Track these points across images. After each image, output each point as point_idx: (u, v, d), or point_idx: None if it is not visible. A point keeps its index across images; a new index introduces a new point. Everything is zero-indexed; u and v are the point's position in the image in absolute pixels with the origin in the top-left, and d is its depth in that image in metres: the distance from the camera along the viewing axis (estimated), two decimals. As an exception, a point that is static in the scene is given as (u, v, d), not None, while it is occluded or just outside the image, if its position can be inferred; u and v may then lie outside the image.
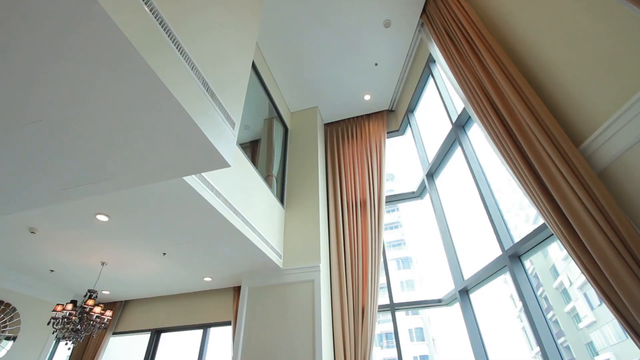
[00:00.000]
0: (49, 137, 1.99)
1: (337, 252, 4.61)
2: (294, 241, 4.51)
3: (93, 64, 1.60)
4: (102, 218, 3.25)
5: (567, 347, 3.47)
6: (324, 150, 5.69)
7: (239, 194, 3.53)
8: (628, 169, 1.89)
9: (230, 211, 3.30)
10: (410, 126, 5.49)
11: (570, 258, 2.18)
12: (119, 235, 3.60)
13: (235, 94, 2.57)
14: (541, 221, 2.61)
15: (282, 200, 4.86)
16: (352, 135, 5.73)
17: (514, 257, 2.99)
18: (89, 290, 4.08)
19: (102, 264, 4.28)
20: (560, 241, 2.13)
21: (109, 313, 4.17)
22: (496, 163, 3.74)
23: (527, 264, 3.07)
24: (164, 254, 4.00)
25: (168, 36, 1.80)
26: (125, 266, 4.39)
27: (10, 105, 1.78)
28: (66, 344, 4.04)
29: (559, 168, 2.11)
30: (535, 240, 2.76)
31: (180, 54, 1.90)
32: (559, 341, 2.94)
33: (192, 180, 2.77)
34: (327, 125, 6.07)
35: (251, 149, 5.13)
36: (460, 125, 4.02)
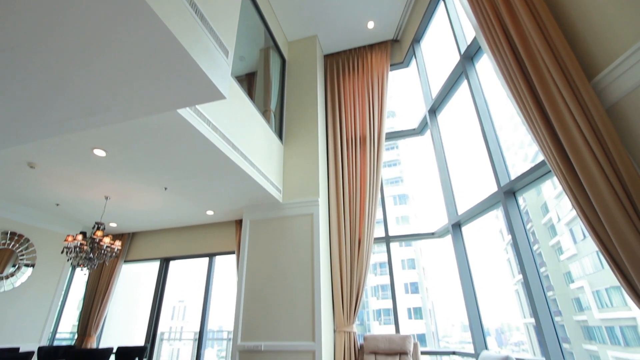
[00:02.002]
0: (34, 68, 1.86)
1: (335, 188, 4.71)
2: (293, 176, 4.57)
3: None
4: (99, 152, 3.23)
5: (547, 276, 3.69)
6: (323, 84, 5.44)
7: (237, 129, 3.47)
8: (638, 104, 1.82)
9: (228, 146, 3.27)
10: (416, 58, 5.18)
11: (561, 196, 2.24)
12: (119, 170, 3.62)
13: (227, 18, 2.36)
14: (539, 159, 2.60)
15: (280, 136, 4.80)
16: (353, 68, 5.43)
17: (508, 194, 3.06)
18: (97, 223, 4.24)
19: (106, 198, 4.38)
20: (557, 177, 2.15)
21: (118, 243, 4.40)
22: (501, 99, 3.61)
23: (520, 200, 3.15)
24: (165, 188, 4.07)
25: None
26: (128, 200, 4.51)
27: (-20, 27, 1.63)
28: (82, 270, 4.33)
29: (567, 103, 2.03)
30: (531, 177, 2.79)
31: (162, -33, 1.68)
32: (541, 270, 3.14)
33: (187, 113, 2.68)
34: (327, 57, 5.72)
35: (247, 82, 4.91)
36: (469, 56, 3.78)
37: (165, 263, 5.73)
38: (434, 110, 4.69)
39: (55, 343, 5.71)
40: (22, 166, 3.52)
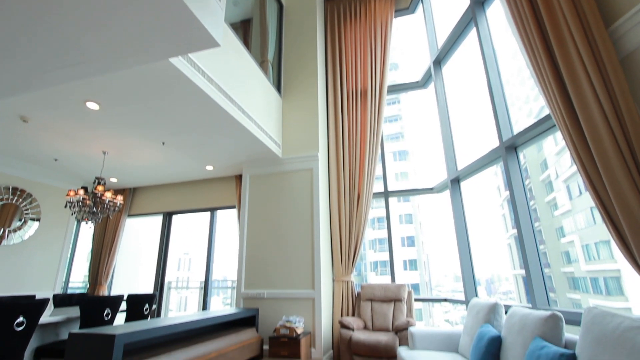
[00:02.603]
0: (19, 16, 1.73)
1: (335, 142, 4.65)
2: (293, 131, 4.50)
3: None
4: (92, 106, 3.14)
5: (540, 231, 3.77)
6: (323, 32, 5.14)
7: (233, 81, 3.33)
8: (656, 53, 1.72)
9: (224, 98, 3.16)
10: (422, 2, 4.83)
11: (562, 153, 2.21)
12: (115, 125, 3.54)
13: (217, -46, 2.14)
14: (544, 114, 2.53)
15: (279, 89, 4.64)
16: (355, 14, 5.09)
17: (510, 149, 3.03)
18: (97, 178, 4.25)
19: (104, 153, 4.34)
20: (561, 131, 2.11)
21: (120, 198, 4.44)
22: (510, 51, 3.43)
23: (520, 157, 3.13)
24: (163, 143, 4.02)
25: None
26: (126, 155, 4.48)
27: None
28: (86, 223, 4.43)
29: (580, 52, 1.92)
30: (534, 132, 2.73)
31: None
32: (534, 225, 3.20)
33: (180, 64, 2.56)
34: (327, 1, 5.33)
35: (242, 30, 4.62)
36: (479, 1, 3.53)
37: (168, 217, 5.86)
38: (439, 62, 4.48)
39: (69, 292, 6.03)
40: (15, 120, 3.44)
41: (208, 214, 5.58)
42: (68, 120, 3.44)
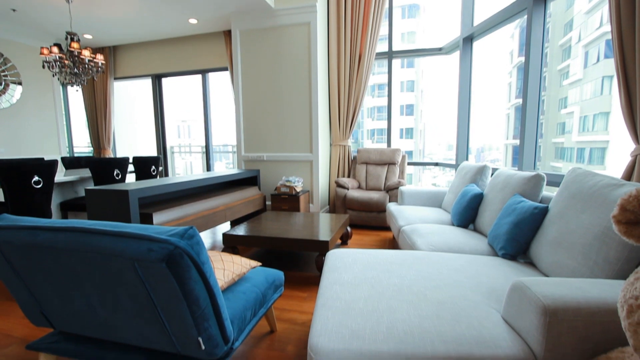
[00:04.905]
0: None
1: (336, -9, 3.99)
2: (286, -25, 3.78)
3: None
4: None
5: (542, 101, 3.64)
6: None
7: None
8: None
9: None
10: None
11: (593, 11, 1.87)
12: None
13: None
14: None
15: None
16: None
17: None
18: (68, 33, 3.78)
19: (67, 0, 3.74)
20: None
21: (100, 57, 4.08)
22: None
23: (547, 12, 2.72)
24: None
25: None
26: (94, 5, 3.88)
27: None
28: (72, 86, 4.21)
29: None
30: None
31: None
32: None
33: None
34: None
35: None
36: None
37: (157, 80, 5.55)
38: None
39: (76, 156, 6.28)
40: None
41: (199, 77, 5.27)
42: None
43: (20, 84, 4.96)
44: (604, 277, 1.13)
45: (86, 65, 3.89)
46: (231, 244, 2.47)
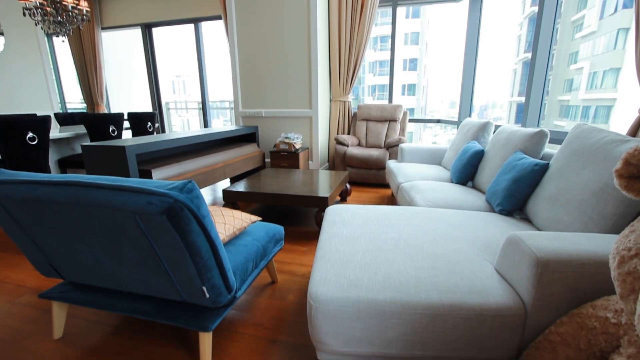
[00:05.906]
0: None
1: None
2: None
3: None
4: None
5: (552, 55, 3.48)
6: None
7: None
8: None
9: None
10: None
11: None
12: None
13: None
14: None
15: None
16: None
17: (560, -63, 2.37)
18: (48, -24, 3.50)
19: (43, -62, 3.41)
20: None
21: (84, 4, 3.81)
22: None
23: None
24: None
25: None
26: (74, -57, 3.54)
27: None
28: (57, 37, 3.99)
29: None
30: None
31: None
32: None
33: None
34: None
35: None
36: None
37: (147, 30, 5.25)
38: None
39: (69, 112, 6.13)
40: None
41: (192, 26, 4.98)
42: None
43: (2, 34, 4.69)
44: (598, 232, 1.15)
45: (70, 13, 3.65)
46: (231, 200, 2.50)
